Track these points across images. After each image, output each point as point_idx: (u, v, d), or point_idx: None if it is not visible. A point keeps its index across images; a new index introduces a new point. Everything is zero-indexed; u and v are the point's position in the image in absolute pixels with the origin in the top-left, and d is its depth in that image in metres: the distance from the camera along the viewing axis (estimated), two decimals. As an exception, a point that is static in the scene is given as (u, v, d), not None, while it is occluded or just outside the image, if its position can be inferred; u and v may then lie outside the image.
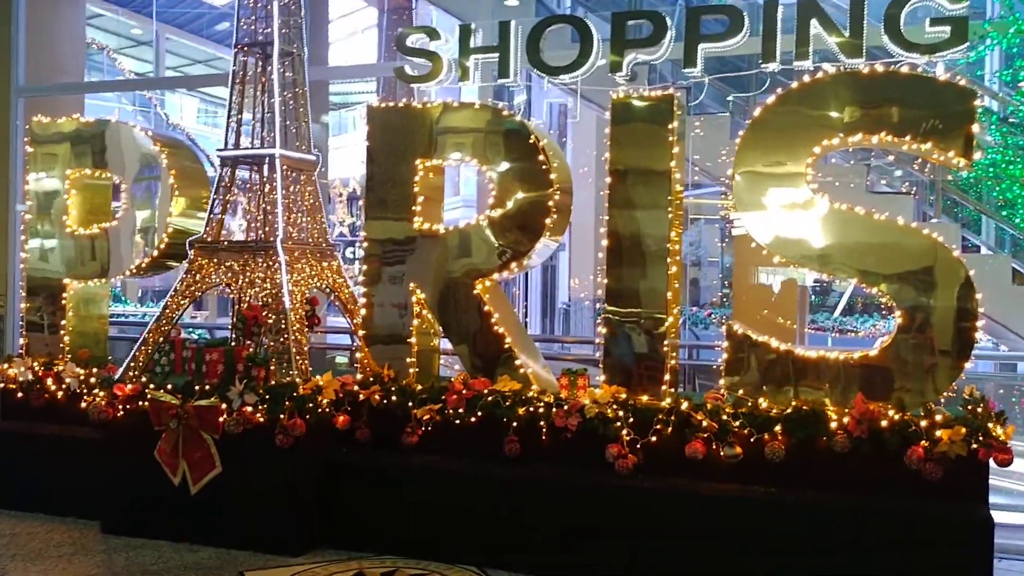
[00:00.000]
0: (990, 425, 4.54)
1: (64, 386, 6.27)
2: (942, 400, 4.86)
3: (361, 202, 6.07)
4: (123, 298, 17.49)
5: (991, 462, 4.55)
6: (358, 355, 6.02)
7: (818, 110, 5.02)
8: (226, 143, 6.17)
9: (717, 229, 18.59)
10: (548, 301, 18.40)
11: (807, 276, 5.61)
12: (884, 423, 4.67)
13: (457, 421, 5.40)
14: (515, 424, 5.28)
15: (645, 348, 5.33)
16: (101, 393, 5.75)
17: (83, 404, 5.98)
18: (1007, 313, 6.50)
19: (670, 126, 5.29)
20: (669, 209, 5.31)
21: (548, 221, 5.56)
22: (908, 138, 4.85)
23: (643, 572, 4.87)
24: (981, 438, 4.51)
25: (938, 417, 4.66)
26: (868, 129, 4.94)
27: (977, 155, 4.87)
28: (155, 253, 6.45)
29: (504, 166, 5.66)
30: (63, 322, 6.68)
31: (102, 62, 22.59)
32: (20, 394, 6.39)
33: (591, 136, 12.55)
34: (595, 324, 16.73)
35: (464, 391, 5.45)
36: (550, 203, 5.55)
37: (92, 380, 6.21)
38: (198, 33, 26.37)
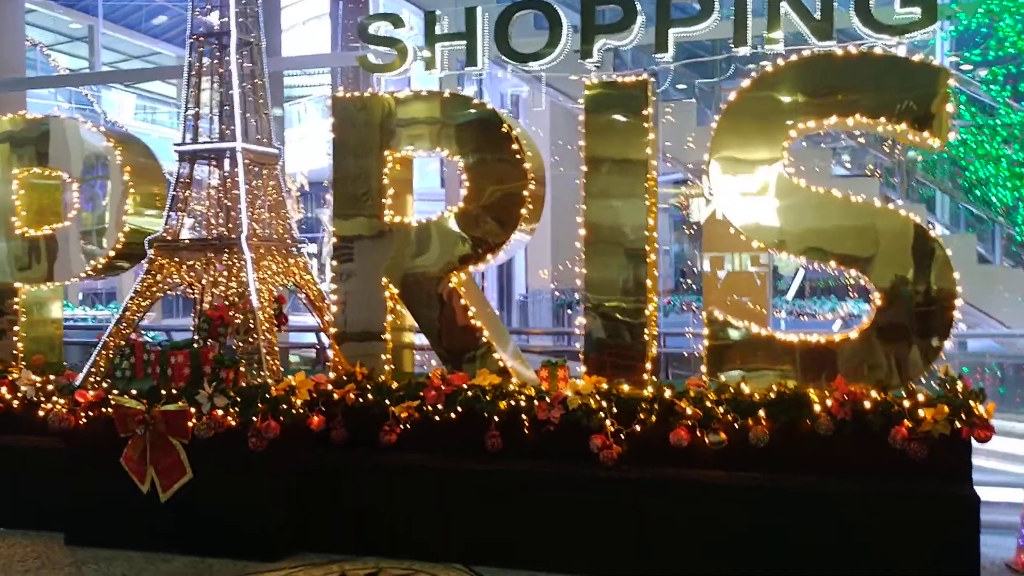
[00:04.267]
0: (971, 403, 4.58)
1: (20, 394, 6.00)
2: (921, 380, 4.90)
3: (329, 197, 5.90)
4: (65, 301, 16.95)
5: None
6: (329, 353, 5.86)
7: (793, 93, 5.02)
8: (184, 138, 5.94)
9: (668, 217, 18.72)
10: (504, 294, 18.35)
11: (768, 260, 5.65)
12: (867, 404, 4.69)
13: (436, 417, 5.29)
14: (496, 418, 5.18)
15: (626, 337, 5.28)
16: (61, 400, 5.51)
17: (41, 412, 5.73)
18: (973, 292, 6.59)
19: (645, 112, 5.24)
20: (646, 196, 5.26)
21: (523, 212, 5.48)
22: (883, 119, 4.87)
23: (630, 562, 4.82)
24: (963, 416, 4.55)
25: (920, 397, 4.69)
26: (843, 111, 4.95)
27: (951, 135, 4.91)
28: (111, 254, 6.21)
29: (477, 156, 5.55)
30: (15, 328, 6.39)
31: (35, 59, 21.85)
32: (-28, 405, 6.10)
33: (547, 124, 12.50)
34: (555, 315, 16.75)
35: (443, 387, 5.34)
36: (525, 193, 5.46)
37: (50, 387, 5.95)
38: (135, 28, 25.66)
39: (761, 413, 4.82)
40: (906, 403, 4.66)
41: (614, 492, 4.90)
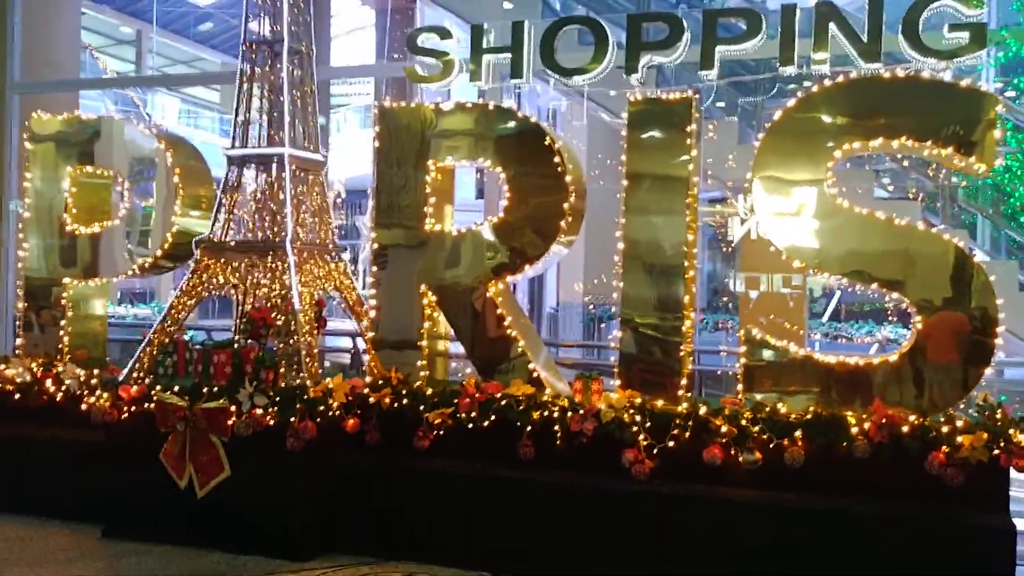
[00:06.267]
0: (1011, 431, 4.54)
1: (64, 387, 6.14)
2: (961, 406, 4.86)
3: (370, 205, 5.99)
4: (106, 299, 17.25)
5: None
6: (364, 358, 5.94)
7: (838, 114, 5.02)
8: (233, 141, 6.07)
9: (702, 236, 18.65)
10: (535, 306, 18.36)
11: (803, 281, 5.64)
12: (905, 428, 4.66)
13: (470, 425, 5.33)
14: (529, 428, 5.21)
15: (661, 353, 5.30)
16: (105, 395, 5.63)
17: (83, 406, 5.86)
18: (1013, 320, 6.52)
19: (688, 129, 5.26)
20: (687, 213, 5.28)
21: (562, 224, 5.52)
22: (929, 143, 4.86)
23: (660, 578, 4.82)
24: (1003, 444, 4.51)
25: (959, 423, 4.65)
26: (888, 134, 4.94)
27: (997, 161, 4.89)
28: (158, 253, 6.33)
29: (519, 168, 5.60)
30: (62, 322, 6.54)
31: (84, 61, 22.33)
32: (17, 395, 6.25)
33: (584, 138, 12.53)
34: (586, 329, 16.73)
35: (476, 395, 5.38)
36: (565, 206, 5.50)
37: (93, 381, 6.08)
38: (181, 33, 26.14)
39: (797, 433, 4.81)
40: (944, 428, 4.63)
41: (645, 506, 4.90)
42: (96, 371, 6.19)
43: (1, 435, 6.20)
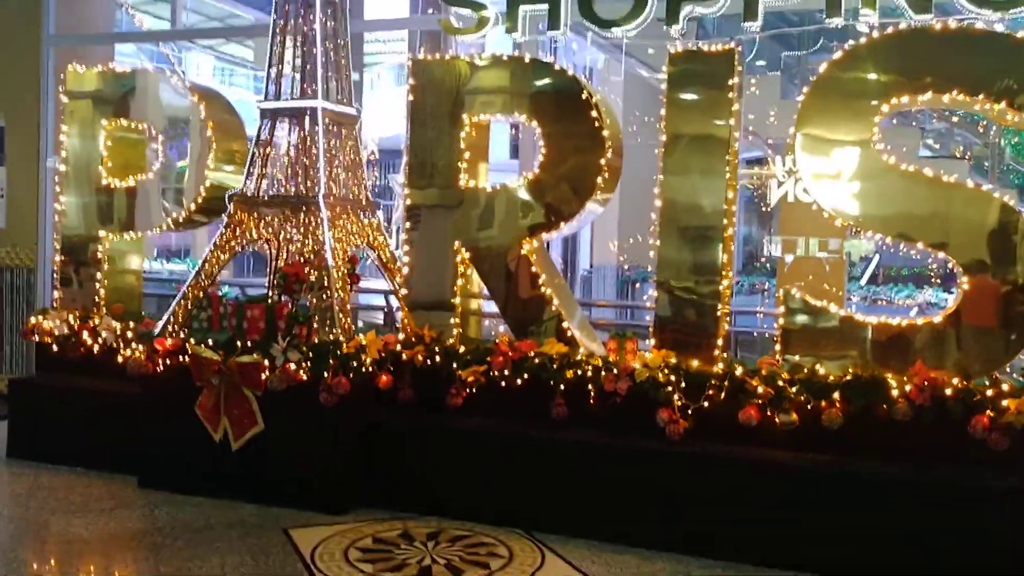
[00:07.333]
0: (1059, 396, 4.41)
1: (100, 340, 6.19)
2: (1007, 369, 4.73)
3: (401, 162, 5.91)
4: (142, 255, 17.42)
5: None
6: (398, 315, 5.91)
7: (886, 68, 4.84)
8: (266, 94, 6.01)
9: (739, 197, 18.40)
10: (569, 267, 18.26)
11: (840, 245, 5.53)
12: (948, 391, 4.55)
13: (503, 383, 5.31)
14: (562, 387, 5.18)
15: (697, 314, 5.21)
16: (140, 347, 5.67)
17: (120, 358, 5.91)
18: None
19: (730, 82, 5.12)
20: (727, 172, 5.15)
21: (599, 181, 5.42)
22: (981, 97, 4.68)
23: (692, 538, 4.78)
24: (1050, 409, 4.38)
25: (1004, 386, 4.53)
26: (939, 88, 4.76)
27: (1054, 117, 4.69)
28: (192, 207, 6.33)
29: (555, 123, 5.50)
30: (98, 275, 6.58)
31: (120, 19, 22.33)
32: (55, 347, 6.33)
33: (621, 95, 12.34)
34: (620, 291, 16.61)
35: (510, 353, 5.34)
36: (601, 162, 5.39)
37: (128, 334, 6.13)
38: (215, -11, 26.01)
39: (836, 395, 4.72)
40: (989, 392, 4.51)
41: (678, 467, 4.86)
42: (132, 324, 6.24)
43: (39, 385, 6.31)
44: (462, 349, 5.52)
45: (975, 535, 4.34)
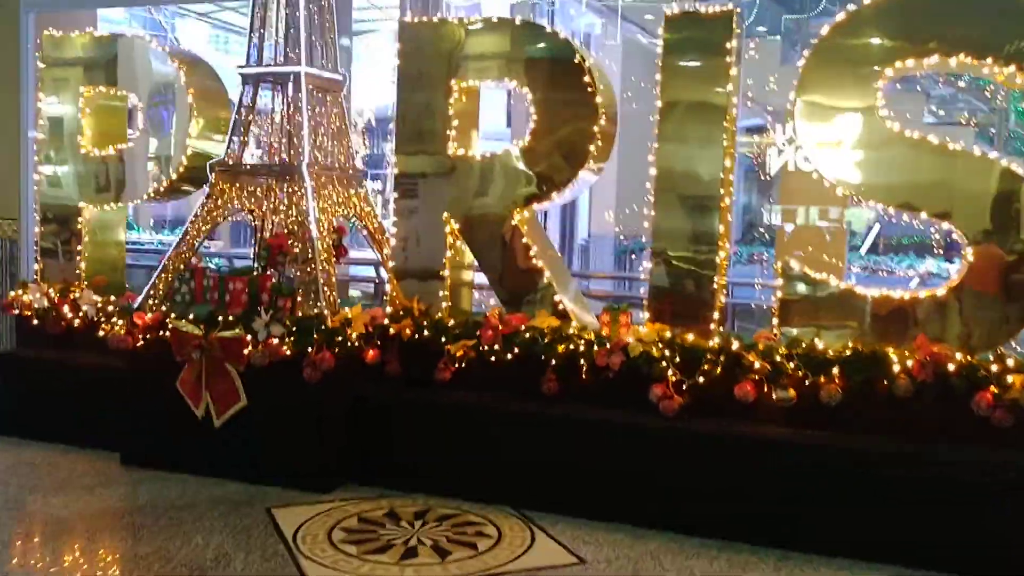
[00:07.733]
0: (1065, 372, 4.27)
1: (81, 313, 6.05)
2: (1012, 344, 4.59)
3: (392, 129, 5.72)
4: (135, 226, 17.28)
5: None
6: (387, 287, 5.76)
7: (890, 31, 4.64)
8: (248, 60, 5.80)
9: (738, 166, 18.21)
10: (566, 238, 18.08)
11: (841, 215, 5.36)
12: (951, 366, 4.41)
13: (492, 358, 5.17)
14: (554, 362, 5.04)
15: (693, 286, 5.05)
16: (120, 322, 5.52)
17: (101, 332, 5.76)
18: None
19: (728, 46, 4.92)
20: (724, 140, 4.97)
21: (591, 148, 5.23)
22: (989, 60, 4.48)
23: (686, 516, 4.66)
24: (1055, 385, 4.24)
25: (1009, 362, 4.38)
26: (945, 51, 4.56)
27: (1063, 81, 4.50)
28: (174, 177, 6.15)
29: (547, 88, 5.30)
30: (79, 248, 6.42)
31: (110, -14, 21.94)
32: (36, 321, 6.19)
33: (619, 59, 12.11)
34: (617, 261, 16.45)
35: (500, 327, 5.20)
36: (595, 129, 5.21)
37: (110, 308, 5.98)
38: (208, -45, 25.56)
39: (835, 370, 4.57)
40: (993, 368, 4.36)
41: (672, 443, 4.72)
42: (113, 297, 6.09)
43: (20, 359, 6.18)
44: (451, 323, 5.37)
45: (977, 516, 4.21)
